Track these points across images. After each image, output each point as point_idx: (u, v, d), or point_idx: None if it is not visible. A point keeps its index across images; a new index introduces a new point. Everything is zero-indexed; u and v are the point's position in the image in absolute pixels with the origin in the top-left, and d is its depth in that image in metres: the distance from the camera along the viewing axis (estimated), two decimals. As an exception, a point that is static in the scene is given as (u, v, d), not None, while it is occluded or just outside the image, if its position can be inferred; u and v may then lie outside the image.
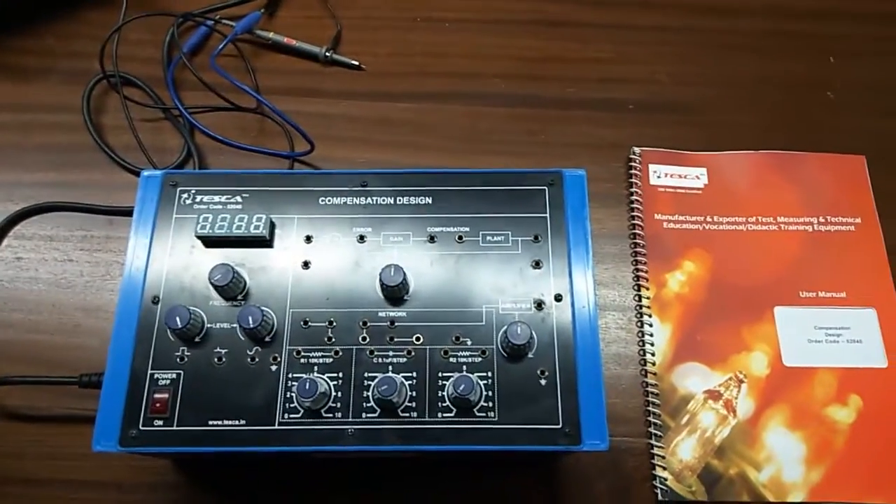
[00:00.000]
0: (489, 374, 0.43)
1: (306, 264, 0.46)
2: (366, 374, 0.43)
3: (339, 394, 0.43)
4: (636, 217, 0.56)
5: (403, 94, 0.61)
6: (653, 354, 0.52)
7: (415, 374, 0.43)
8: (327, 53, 0.62)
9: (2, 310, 0.53)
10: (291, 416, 0.42)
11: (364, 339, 0.44)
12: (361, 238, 0.47)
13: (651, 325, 0.52)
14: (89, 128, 0.58)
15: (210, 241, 0.46)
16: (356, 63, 0.62)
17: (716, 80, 0.62)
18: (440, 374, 0.43)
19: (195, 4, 0.63)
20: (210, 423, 0.42)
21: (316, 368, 0.43)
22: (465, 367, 0.43)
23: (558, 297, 0.45)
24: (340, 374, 0.43)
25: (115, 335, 0.44)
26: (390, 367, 0.43)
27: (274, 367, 0.43)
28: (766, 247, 0.55)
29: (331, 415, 0.42)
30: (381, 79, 0.62)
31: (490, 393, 0.43)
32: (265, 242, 0.47)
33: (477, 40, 0.63)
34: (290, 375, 0.43)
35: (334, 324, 0.45)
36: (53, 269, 0.54)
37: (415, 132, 0.59)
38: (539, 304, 0.45)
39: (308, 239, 0.47)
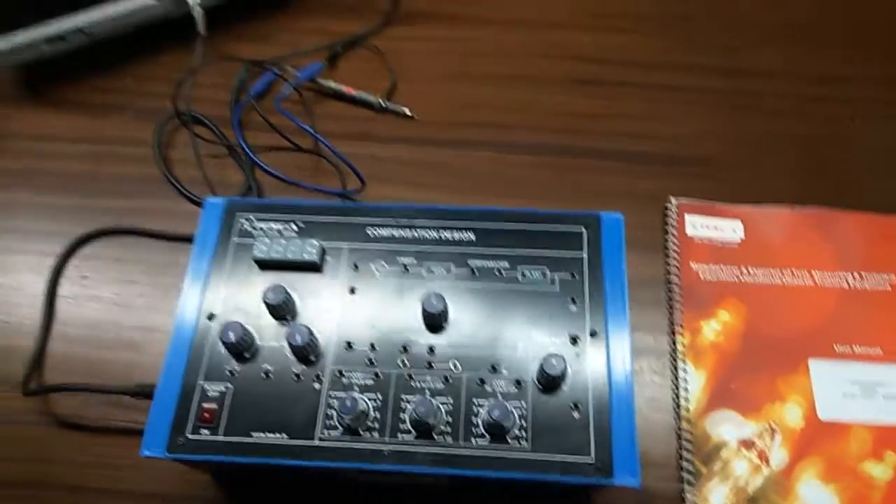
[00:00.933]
0: (523, 403, 0.44)
1: (353, 290, 0.48)
2: (403, 397, 0.45)
3: (378, 414, 0.44)
4: (672, 265, 0.57)
5: (448, 141, 0.64)
6: (686, 400, 0.52)
7: (451, 400, 0.45)
8: (381, 102, 0.65)
9: (64, 324, 0.56)
10: (331, 432, 0.44)
11: (403, 363, 0.46)
12: (405, 268, 0.49)
13: (685, 372, 0.53)
14: (158, 161, 0.63)
15: (265, 265, 0.49)
16: (407, 111, 0.66)
17: (750, 139, 0.64)
18: (475, 401, 0.45)
19: (264, 53, 0.67)
20: (253, 434, 0.44)
21: (356, 388, 0.45)
22: (500, 396, 0.44)
23: (593, 333, 0.46)
24: (379, 396, 0.45)
25: (170, 348, 0.46)
26: (427, 392, 0.45)
27: (317, 386, 0.45)
28: (801, 300, 0.55)
29: (368, 434, 0.44)
30: (429, 126, 0.65)
31: (523, 422, 0.44)
32: (316, 268, 0.49)
33: (516, 95, 0.67)
34: (331, 394, 0.45)
35: (376, 348, 0.46)
36: (115, 290, 0.58)
37: (458, 176, 0.62)
38: (574, 339, 0.46)
39: (356, 267, 0.49)
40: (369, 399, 0.45)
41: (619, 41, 0.70)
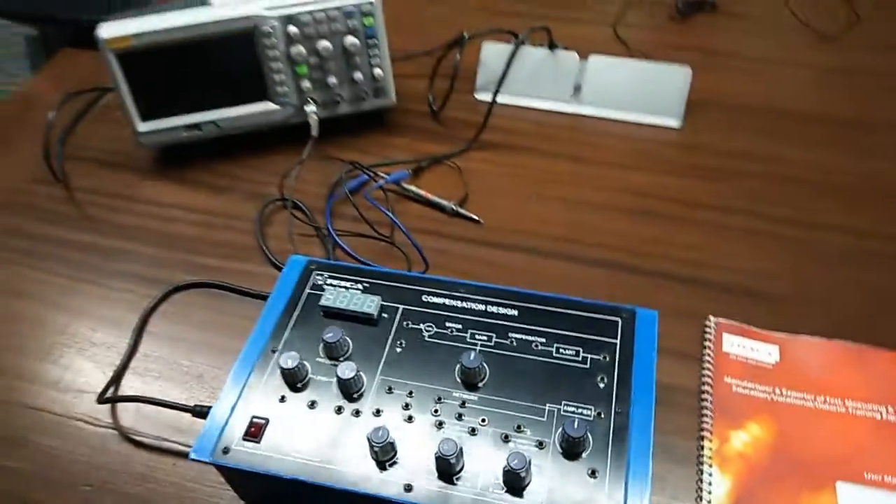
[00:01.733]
0: (543, 463, 0.47)
1: (401, 344, 0.53)
2: (430, 441, 0.48)
3: (405, 451, 0.47)
4: (706, 375, 0.59)
5: (510, 245, 0.70)
6: (709, 502, 0.52)
7: (475, 450, 0.47)
8: (454, 207, 0.74)
9: (145, 353, 0.63)
10: (360, 462, 0.47)
11: (436, 411, 0.49)
12: (451, 332, 0.54)
13: (710, 475, 0.53)
14: (257, 233, 0.72)
15: (329, 313, 0.55)
16: (476, 217, 0.73)
17: (797, 278, 0.67)
18: (498, 455, 0.47)
19: (360, 160, 0.78)
20: (291, 454, 0.48)
21: (390, 427, 0.48)
22: (525, 457, 0.47)
23: (618, 412, 0.49)
24: (409, 436, 0.48)
25: (233, 371, 0.52)
26: (457, 442, 0.48)
27: (354, 419, 0.49)
28: (833, 426, 0.56)
29: (393, 467, 0.47)
30: (494, 232, 0.72)
31: (541, 479, 0.46)
32: (372, 321, 0.55)
33: (580, 217, 0.73)
34: (367, 431, 0.48)
35: (413, 394, 0.50)
36: (195, 331, 0.64)
37: (514, 274, 0.68)
38: (599, 413, 0.49)
39: (406, 324, 0.54)
40: (399, 435, 0.48)
41: (678, 183, 0.77)
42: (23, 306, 0.68)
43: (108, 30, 0.72)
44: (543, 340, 0.53)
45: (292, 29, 0.75)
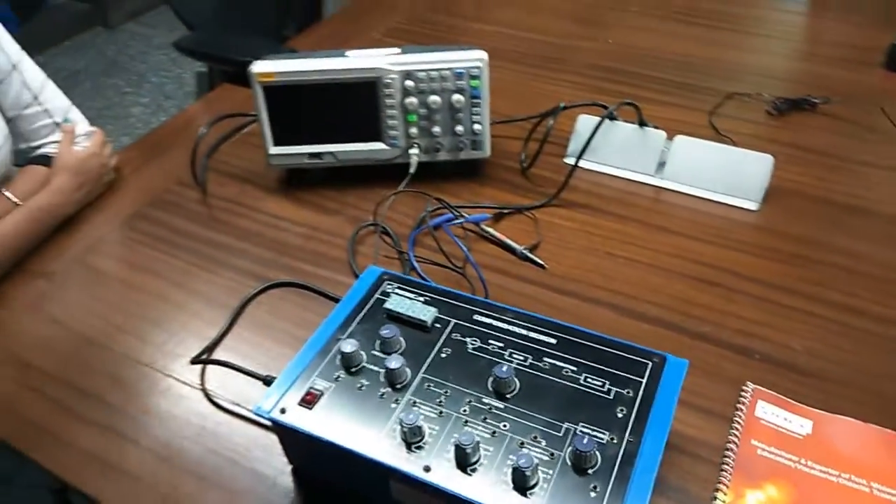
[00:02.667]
0: (551, 471, 0.51)
1: (446, 351, 0.59)
2: (454, 436, 0.53)
3: (431, 439, 0.53)
4: (733, 435, 0.60)
5: (568, 291, 0.75)
6: (713, 554, 0.53)
7: (491, 449, 0.52)
8: (524, 250, 0.80)
9: (238, 332, 0.73)
10: (391, 440, 0.53)
11: (464, 411, 0.55)
12: (492, 348, 0.59)
13: (718, 527, 0.55)
14: (349, 249, 0.82)
15: (391, 316, 0.62)
16: (541, 262, 0.79)
17: (845, 363, 0.67)
18: (510, 456, 0.52)
19: (447, 199, 0.86)
20: (335, 424, 0.54)
21: (422, 416, 0.54)
22: (533, 458, 0.51)
23: (630, 440, 0.52)
24: (437, 427, 0.54)
25: (302, 350, 0.60)
26: (476, 436, 0.53)
27: (393, 405, 0.55)
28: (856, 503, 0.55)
29: (418, 450, 0.52)
30: (558, 278, 0.77)
31: (545, 485, 0.50)
32: (426, 328, 0.61)
33: (641, 276, 0.77)
34: (401, 414, 0.54)
35: (448, 394, 0.56)
36: (281, 317, 0.74)
37: (564, 315, 0.71)
38: (612, 439, 0.52)
39: (454, 336, 0.61)
40: (428, 426, 0.54)
41: (746, 260, 0.79)
42: (150, 280, 0.80)
43: (260, 66, 0.85)
44: (574, 369, 0.58)
45: (409, 83, 0.86)
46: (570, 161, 0.94)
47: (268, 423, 0.58)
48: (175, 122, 1.11)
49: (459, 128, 0.88)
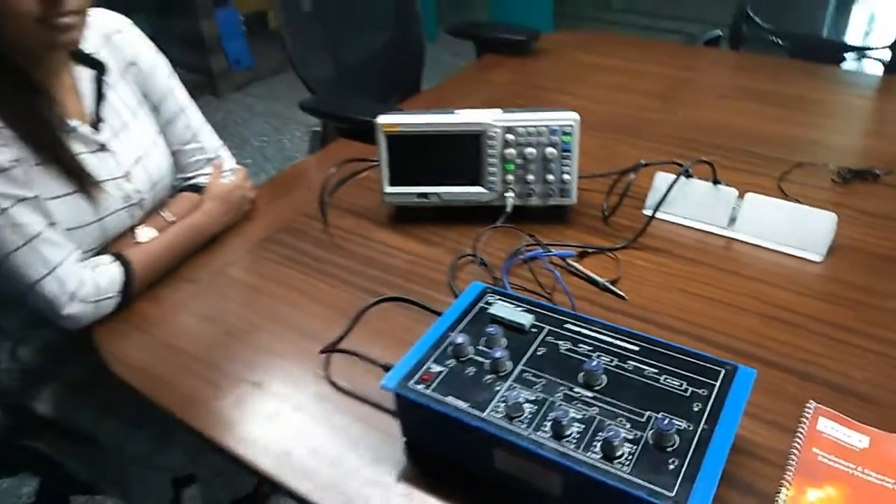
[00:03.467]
0: (635, 447, 0.58)
1: (541, 350, 0.69)
2: (550, 414, 0.62)
3: (530, 416, 0.62)
4: (797, 441, 0.66)
5: (646, 319, 0.83)
6: (777, 541, 0.59)
7: (581, 427, 0.61)
8: (606, 283, 0.89)
9: (355, 336, 0.84)
10: (495, 413, 0.62)
11: (558, 396, 0.64)
12: (582, 350, 0.68)
13: (783, 517, 0.60)
14: (449, 275, 0.93)
15: (494, 319, 0.72)
16: (622, 294, 0.88)
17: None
18: (598, 434, 0.60)
19: (538, 237, 0.97)
20: (447, 399, 0.64)
21: (522, 397, 0.63)
22: (620, 432, 0.59)
23: (705, 429, 0.60)
24: (535, 408, 0.62)
25: (416, 345, 0.70)
26: (570, 413, 0.61)
27: (497, 388, 0.65)
28: (911, 509, 0.60)
29: (519, 423, 0.61)
30: (637, 308, 0.86)
31: (631, 457, 0.58)
32: (524, 331, 0.71)
33: (714, 311, 0.85)
34: (505, 394, 0.63)
35: (543, 383, 0.65)
36: (394, 327, 0.85)
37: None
38: (689, 426, 0.60)
39: (548, 339, 0.70)
40: (527, 405, 0.63)
41: (813, 304, 0.86)
42: (279, 289, 0.93)
43: (384, 119, 1.00)
44: (655, 371, 0.66)
45: (509, 136, 0.99)
46: (648, 212, 1.04)
47: (384, 405, 0.68)
48: (299, 168, 1.27)
49: (550, 177, 1.00)
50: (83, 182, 0.90)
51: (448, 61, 3.26)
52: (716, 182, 1.01)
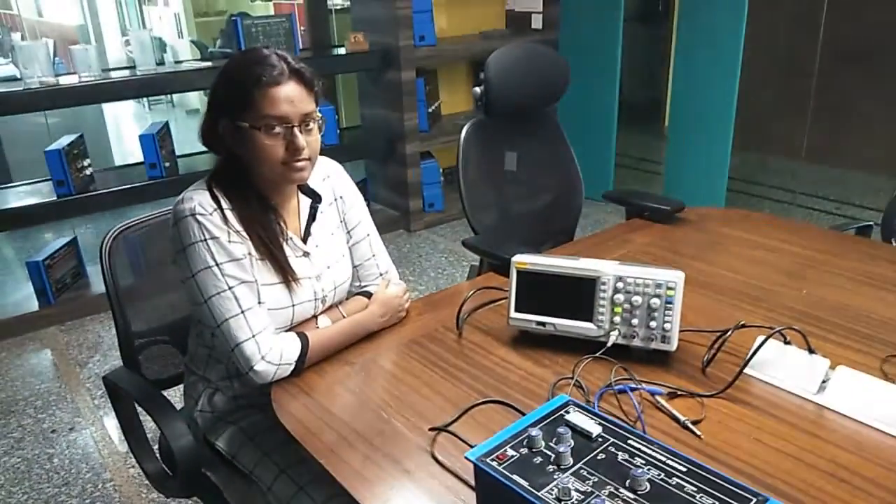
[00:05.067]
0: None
1: (602, 456, 0.81)
2: (593, 502, 0.73)
3: (575, 500, 0.74)
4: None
5: (716, 458, 0.91)
6: None
7: (617, 518, 0.71)
8: (686, 420, 0.98)
9: (462, 424, 1.00)
10: (547, 494, 0.75)
11: (604, 491, 0.75)
12: (636, 462, 0.79)
13: None
14: (549, 390, 1.07)
15: (568, 424, 0.86)
16: (698, 433, 0.96)
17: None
18: None
19: (634, 377, 1.09)
20: (513, 475, 0.78)
21: (573, 486, 0.76)
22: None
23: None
24: (581, 496, 0.74)
25: (500, 433, 0.85)
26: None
27: (555, 476, 0.78)
28: None
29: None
30: (708, 447, 0.94)
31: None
32: (590, 438, 0.83)
33: (779, 461, 0.90)
34: (558, 482, 0.76)
35: (595, 480, 0.77)
36: (494, 423, 1.00)
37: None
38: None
39: (610, 449, 0.82)
40: (575, 492, 0.75)
41: (878, 472, 0.88)
42: (413, 380, 1.14)
43: (518, 258, 1.21)
44: (694, 489, 0.75)
45: (620, 285, 1.15)
46: (746, 370, 1.11)
47: (469, 480, 0.84)
48: (451, 290, 1.51)
49: (653, 323, 1.13)
50: (288, 277, 1.20)
51: (605, 218, 3.61)
52: (811, 351, 1.07)
